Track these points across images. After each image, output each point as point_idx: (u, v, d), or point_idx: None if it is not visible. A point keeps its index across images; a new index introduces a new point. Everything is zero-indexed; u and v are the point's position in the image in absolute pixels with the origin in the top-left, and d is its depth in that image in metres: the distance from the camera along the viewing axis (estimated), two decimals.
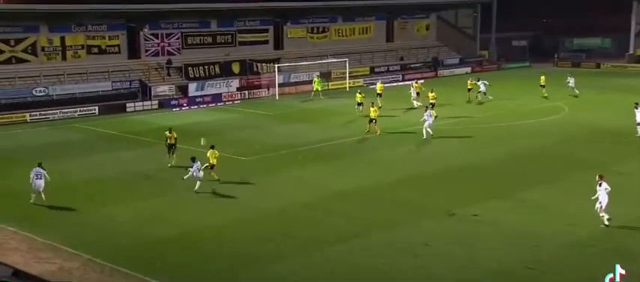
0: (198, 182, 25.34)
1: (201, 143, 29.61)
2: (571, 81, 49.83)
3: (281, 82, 53.56)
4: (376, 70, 62.01)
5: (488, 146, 32.90)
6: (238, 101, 50.76)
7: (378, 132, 35.44)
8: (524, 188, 24.46)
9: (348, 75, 56.75)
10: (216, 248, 19.99)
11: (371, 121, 35.72)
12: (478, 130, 37.08)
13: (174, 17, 53.95)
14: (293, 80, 55.22)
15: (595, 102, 46.17)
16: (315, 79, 51.27)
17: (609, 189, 20.76)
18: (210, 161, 26.66)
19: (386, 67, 63.22)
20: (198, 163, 25.64)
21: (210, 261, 19.06)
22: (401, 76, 61.13)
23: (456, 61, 69.09)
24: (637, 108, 33.78)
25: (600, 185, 20.81)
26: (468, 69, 67.56)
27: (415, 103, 44.05)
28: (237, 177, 27.59)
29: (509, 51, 76.61)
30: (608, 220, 20.72)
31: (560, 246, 19.71)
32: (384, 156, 31.30)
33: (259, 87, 53.31)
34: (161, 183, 26.94)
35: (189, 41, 55.29)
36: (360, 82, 57.16)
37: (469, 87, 47.63)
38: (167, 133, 30.07)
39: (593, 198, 21.08)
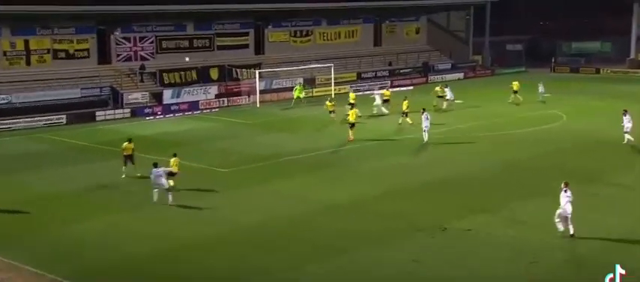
0: (166, 194, 25.32)
1: None
2: (541, 88, 50.49)
3: (262, 88, 53.61)
4: (363, 75, 62.28)
5: (480, 156, 33.09)
6: (217, 109, 50.70)
7: (352, 138, 36.25)
8: (518, 201, 24.61)
9: (333, 81, 56.91)
10: (193, 266, 19.91)
11: (351, 125, 36.51)
12: (470, 140, 37.29)
13: (148, 20, 53.87)
14: (275, 87, 55.30)
15: (594, 109, 46.65)
16: (297, 86, 51.21)
17: (571, 198, 21.15)
18: (172, 169, 27.16)
19: (373, 73, 63.50)
20: (161, 169, 25.63)
21: (185, 281, 18.96)
22: (389, 82, 61.38)
23: (448, 66, 69.56)
24: (625, 115, 34.30)
25: (565, 192, 21.24)
26: (461, 75, 68.06)
27: (384, 110, 44.70)
28: (215, 189, 27.53)
29: (503, 55, 77.24)
30: (570, 232, 21.09)
31: (558, 262, 19.84)
32: (370, 167, 31.39)
33: (239, 94, 53.32)
34: (133, 196, 26.81)
35: (164, 45, 55.22)
36: (346, 88, 57.28)
37: (439, 94, 48.04)
38: (126, 143, 30.07)
39: (558, 212, 21.37)
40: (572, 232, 21.27)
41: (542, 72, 71.24)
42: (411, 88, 50.08)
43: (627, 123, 34.11)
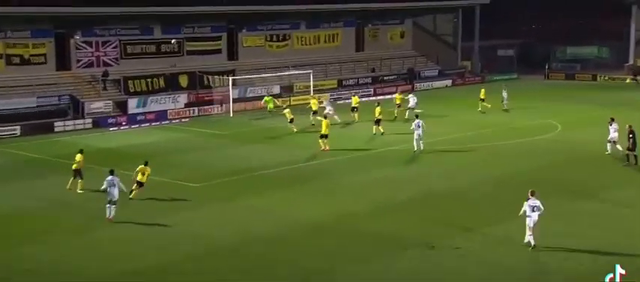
0: (110, 207, 25.18)
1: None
2: (504, 93, 51.25)
3: (236, 97, 53.50)
4: (344, 83, 62.46)
5: (471, 170, 33.24)
6: (186, 119, 50.50)
7: (326, 148, 36.71)
8: (509, 218, 24.65)
9: (312, 89, 56.94)
10: None
11: (322, 136, 36.92)
12: (459, 152, 37.47)
13: (111, 22, 53.62)
14: (250, 95, 55.23)
15: (591, 119, 47.06)
16: (266, 98, 50.74)
17: (541, 208, 21.65)
18: (138, 178, 27.71)
19: (355, 80, 63.71)
20: (117, 179, 25.50)
21: None
22: (373, 89, 61.60)
23: (435, 72, 69.98)
24: (611, 124, 34.61)
25: (529, 200, 21.80)
26: (448, 81, 68.53)
27: (336, 118, 45.13)
28: (184, 206, 27.35)
29: (494, 61, 77.86)
30: (531, 243, 21.69)
31: None
32: (352, 180, 31.41)
33: (211, 103, 53.19)
34: (95, 213, 26.51)
35: (129, 50, 54.97)
36: (327, 96, 57.32)
37: (397, 103, 48.49)
38: (78, 155, 30.09)
39: (519, 214, 22.05)
40: (533, 243, 21.83)
41: (535, 79, 72.00)
42: (412, 96, 49.62)
43: (613, 132, 34.42)
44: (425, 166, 34.26)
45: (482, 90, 52.12)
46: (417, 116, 37.95)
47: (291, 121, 43.30)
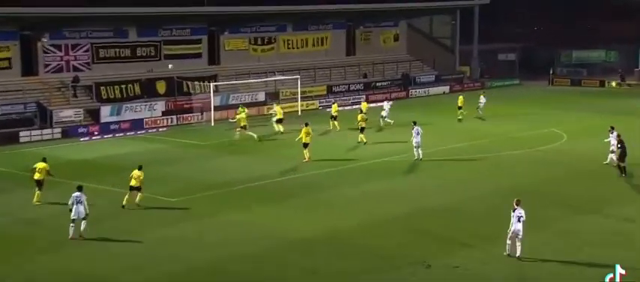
0: (76, 225, 25.19)
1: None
2: (482, 100, 51.79)
3: (217, 104, 53.54)
4: (334, 89, 62.65)
5: (469, 182, 33.44)
6: (164, 129, 50.47)
7: (307, 158, 37.39)
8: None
9: (299, 95, 57.08)
10: None
11: (304, 145, 37.49)
12: (458, 163, 37.67)
13: (82, 24, 53.55)
14: (232, 102, 55.25)
15: (598, 128, 47.23)
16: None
17: (523, 216, 22.44)
18: (131, 184, 28.84)
19: (346, 86, 63.93)
20: (84, 196, 25.55)
21: None
22: (364, 96, 61.75)
23: (431, 78, 70.33)
24: (612, 133, 35.05)
25: (515, 211, 22.67)
26: (446, 88, 68.84)
27: (277, 127, 46.39)
28: (161, 223, 27.34)
29: (494, 66, 78.32)
30: (517, 253, 22.51)
31: None
32: (342, 194, 31.52)
33: (190, 111, 53.18)
34: (65, 230, 26.44)
35: (102, 54, 54.93)
36: (315, 103, 57.49)
37: (335, 114, 48.70)
38: (40, 164, 30.28)
39: (510, 229, 22.78)
40: (518, 253, 22.48)
41: (538, 85, 72.43)
42: (386, 102, 50.21)
43: (614, 140, 34.84)
44: (420, 179, 34.41)
45: (461, 97, 52.80)
46: (414, 123, 38.27)
47: (280, 121, 44.02)
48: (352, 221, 27.34)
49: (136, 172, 29.35)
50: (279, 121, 46.71)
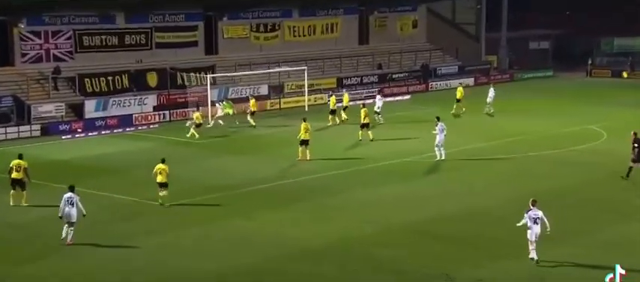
0: (68, 230, 25.35)
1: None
2: (491, 94, 51.75)
3: (215, 98, 53.61)
4: (345, 82, 62.63)
5: (497, 186, 33.48)
6: (156, 125, 50.65)
7: (308, 157, 37.96)
8: (543, 244, 24.81)
9: (307, 89, 57.13)
10: None
11: (303, 142, 38.05)
12: (484, 164, 37.69)
13: (64, 8, 53.69)
14: (232, 96, 55.37)
15: None
16: (224, 103, 50.08)
17: (544, 220, 22.94)
18: (158, 180, 29.86)
19: (358, 78, 63.97)
20: (76, 197, 25.70)
21: None
22: (379, 89, 61.64)
23: (454, 69, 70.35)
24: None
25: (527, 212, 23.33)
26: (470, 80, 68.69)
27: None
28: (152, 229, 27.45)
29: (525, 56, 78.15)
30: (534, 258, 23.15)
31: None
32: (355, 198, 31.58)
33: (185, 105, 53.29)
34: (48, 236, 26.61)
35: (86, 42, 55.11)
36: (323, 98, 57.50)
37: (331, 108, 49.08)
38: (17, 161, 30.43)
39: (518, 225, 23.50)
40: (536, 257, 23.03)
41: (575, 76, 72.32)
42: (379, 97, 50.27)
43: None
44: (442, 182, 34.44)
45: (460, 88, 53.09)
46: (438, 118, 38.33)
47: (199, 125, 45.36)
48: (365, 229, 27.36)
49: (160, 166, 30.20)
50: (253, 113, 48.49)
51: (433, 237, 26.56)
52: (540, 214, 23.24)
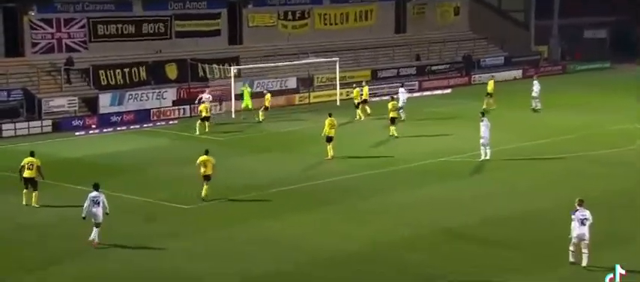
0: (94, 229, 25.70)
1: None
2: (536, 88, 51.30)
3: (239, 92, 53.82)
4: (380, 74, 62.59)
5: (546, 188, 33.38)
6: (175, 121, 50.96)
7: (330, 155, 38.45)
8: (595, 251, 24.79)
9: (338, 82, 57.18)
10: None
11: (328, 139, 38.45)
12: (532, 164, 37.65)
13: None
14: (257, 89, 55.56)
15: None
16: (244, 88, 50.85)
17: (589, 219, 22.97)
18: (202, 172, 30.88)
19: (395, 71, 63.85)
20: (102, 196, 26.06)
21: None
22: (417, 83, 61.72)
23: (500, 60, 70.00)
24: None
25: (575, 213, 23.50)
26: (518, 72, 68.36)
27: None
28: (172, 233, 27.68)
29: (579, 46, 77.52)
30: (583, 262, 23.27)
31: None
32: (390, 201, 31.69)
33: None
34: (59, 241, 26.96)
35: (101, 31, 55.43)
36: (355, 91, 57.44)
37: (357, 101, 49.58)
38: (29, 159, 30.93)
39: (570, 237, 23.47)
40: (585, 262, 23.01)
41: (634, 68, 71.49)
42: (402, 91, 50.17)
43: None
44: (484, 183, 34.47)
45: (491, 81, 53.00)
46: (482, 114, 38.35)
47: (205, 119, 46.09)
48: (401, 233, 27.49)
49: (204, 158, 31.07)
50: (265, 108, 49.17)
51: (471, 244, 26.56)
52: (588, 214, 23.24)
